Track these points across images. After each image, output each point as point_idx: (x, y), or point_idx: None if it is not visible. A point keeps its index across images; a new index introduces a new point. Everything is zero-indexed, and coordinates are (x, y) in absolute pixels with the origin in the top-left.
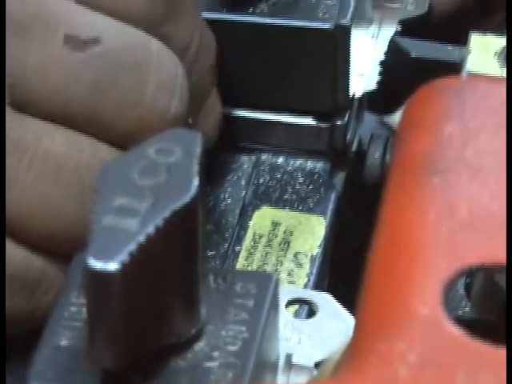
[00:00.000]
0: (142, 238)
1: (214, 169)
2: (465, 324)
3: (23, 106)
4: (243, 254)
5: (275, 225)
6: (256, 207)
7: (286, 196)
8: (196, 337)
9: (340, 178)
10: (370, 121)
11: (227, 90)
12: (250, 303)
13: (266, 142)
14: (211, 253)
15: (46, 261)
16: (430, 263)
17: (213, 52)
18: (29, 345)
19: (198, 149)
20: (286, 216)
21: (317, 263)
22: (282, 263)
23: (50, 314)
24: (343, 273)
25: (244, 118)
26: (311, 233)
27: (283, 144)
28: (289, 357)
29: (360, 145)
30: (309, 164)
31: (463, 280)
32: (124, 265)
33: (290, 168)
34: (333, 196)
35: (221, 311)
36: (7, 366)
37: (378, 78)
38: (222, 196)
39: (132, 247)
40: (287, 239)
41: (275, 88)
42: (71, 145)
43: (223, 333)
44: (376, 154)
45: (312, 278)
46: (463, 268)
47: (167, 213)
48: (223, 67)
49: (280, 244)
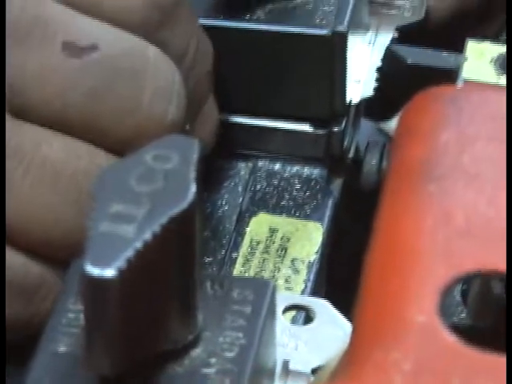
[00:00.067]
0: (139, 245)
1: (211, 175)
2: (461, 331)
3: (21, 113)
4: (240, 261)
5: (272, 231)
6: (253, 213)
7: (283, 202)
8: (193, 343)
9: (337, 185)
10: (367, 127)
11: (224, 97)
12: (247, 309)
13: (263, 149)
14: (208, 259)
15: (44, 267)
16: (427, 270)
17: (210, 58)
18: (27, 351)
19: (195, 155)
20: (283, 222)
21: (314, 269)
22: (279, 269)
23: (48, 321)
24: (340, 279)
25: (241, 125)
26: (308, 239)
27: (280, 150)
28: (286, 363)
29: (357, 151)
30: (306, 170)
31: (460, 286)
32: (121, 271)
33: (287, 174)
34: (330, 202)
35: (218, 317)
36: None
37: (375, 85)
38: (219, 202)
39: (129, 253)
40: (284, 245)
41: (272, 94)
42: (69, 151)
43: (220, 339)
44: (373, 161)
45: (309, 285)
46: (459, 275)
47: (164, 219)
48: (220, 73)
49: (277, 250)
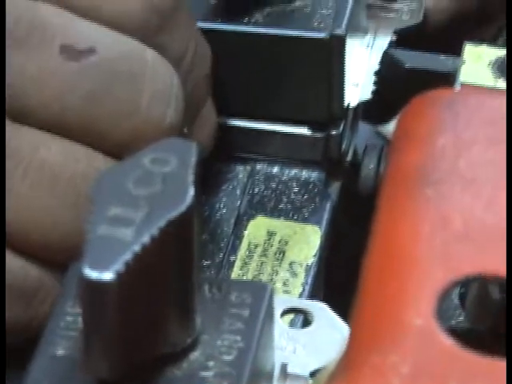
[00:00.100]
0: (138, 248)
1: (209, 178)
2: (459, 334)
3: (20, 116)
4: (238, 264)
5: (270, 234)
6: (251, 217)
7: (281, 205)
8: (191, 346)
9: (335, 188)
10: (365, 130)
11: (222, 100)
12: (245, 313)
13: (261, 152)
14: (206, 262)
15: (43, 270)
16: (424, 274)
17: (208, 62)
18: (25, 354)
19: (193, 158)
20: (281, 225)
21: (312, 273)
22: (278, 273)
23: (46, 324)
24: (338, 282)
25: (239, 128)
26: (306, 242)
27: (278, 154)
28: (284, 366)
29: (355, 154)
30: (304, 174)
31: (457, 290)
32: (119, 274)
33: (285, 178)
34: (328, 206)
35: (216, 321)
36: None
37: (373, 88)
38: (217, 206)
39: (127, 257)
40: (282, 249)
41: (270, 98)
42: (67, 154)
43: (218, 342)
44: (370, 165)
45: (307, 288)
46: (457, 278)
47: (162, 222)
48: (218, 77)
49: (275, 253)
